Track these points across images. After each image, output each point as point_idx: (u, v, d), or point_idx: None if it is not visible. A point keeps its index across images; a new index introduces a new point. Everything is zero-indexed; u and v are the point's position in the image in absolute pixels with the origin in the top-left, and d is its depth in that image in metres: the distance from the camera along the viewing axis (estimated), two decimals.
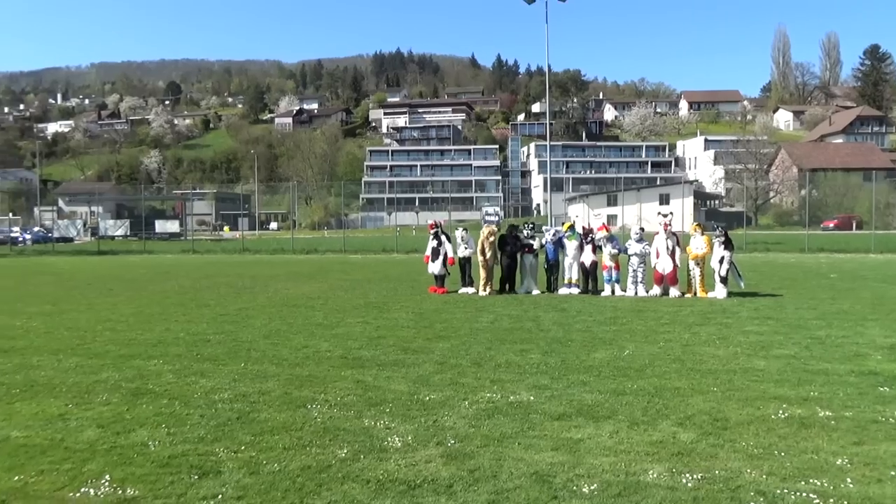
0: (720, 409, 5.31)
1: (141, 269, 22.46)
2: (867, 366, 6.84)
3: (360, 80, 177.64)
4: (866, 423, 4.92)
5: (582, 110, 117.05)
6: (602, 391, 5.92)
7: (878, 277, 16.74)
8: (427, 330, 9.33)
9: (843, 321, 9.76)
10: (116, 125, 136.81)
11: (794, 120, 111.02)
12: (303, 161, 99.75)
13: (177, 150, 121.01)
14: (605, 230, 14.10)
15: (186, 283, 17.04)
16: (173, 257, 30.07)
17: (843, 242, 30.44)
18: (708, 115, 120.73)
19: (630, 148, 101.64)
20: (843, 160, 69.17)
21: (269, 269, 22.03)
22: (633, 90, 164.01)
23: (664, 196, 64.29)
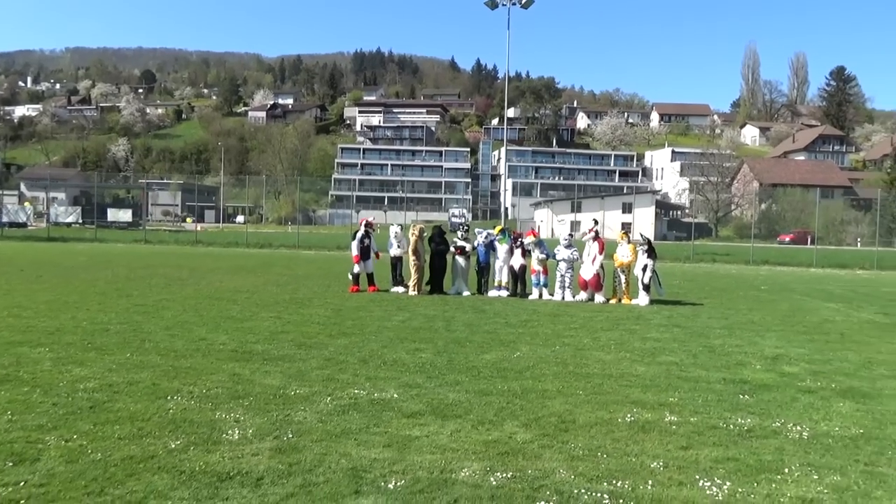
0: (572, 412, 5.42)
1: (82, 257, 22.04)
2: (741, 374, 7.04)
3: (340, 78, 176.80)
4: (705, 429, 5.07)
5: (554, 117, 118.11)
6: (469, 391, 6.00)
7: (805, 290, 17.22)
8: (335, 326, 9.34)
9: (745, 331, 10.03)
10: (86, 111, 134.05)
11: (760, 136, 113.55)
12: (273, 155, 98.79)
13: (146, 139, 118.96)
14: (534, 235, 14.26)
15: (122, 273, 16.77)
16: (123, 247, 29.55)
17: (788, 256, 31.21)
18: (678, 127, 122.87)
19: (599, 156, 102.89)
20: (803, 177, 70.95)
21: (213, 262, 21.80)
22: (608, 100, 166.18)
23: (627, 205, 65.25)
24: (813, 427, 5.19)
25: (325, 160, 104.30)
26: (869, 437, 4.99)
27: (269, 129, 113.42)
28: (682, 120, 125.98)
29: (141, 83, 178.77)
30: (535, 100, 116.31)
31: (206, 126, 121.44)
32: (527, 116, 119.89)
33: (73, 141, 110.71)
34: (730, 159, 77.97)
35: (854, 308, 13.59)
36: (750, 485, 3.95)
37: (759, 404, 5.84)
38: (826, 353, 8.45)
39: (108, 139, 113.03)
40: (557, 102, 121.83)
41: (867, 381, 6.91)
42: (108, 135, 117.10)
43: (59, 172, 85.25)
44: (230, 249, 30.19)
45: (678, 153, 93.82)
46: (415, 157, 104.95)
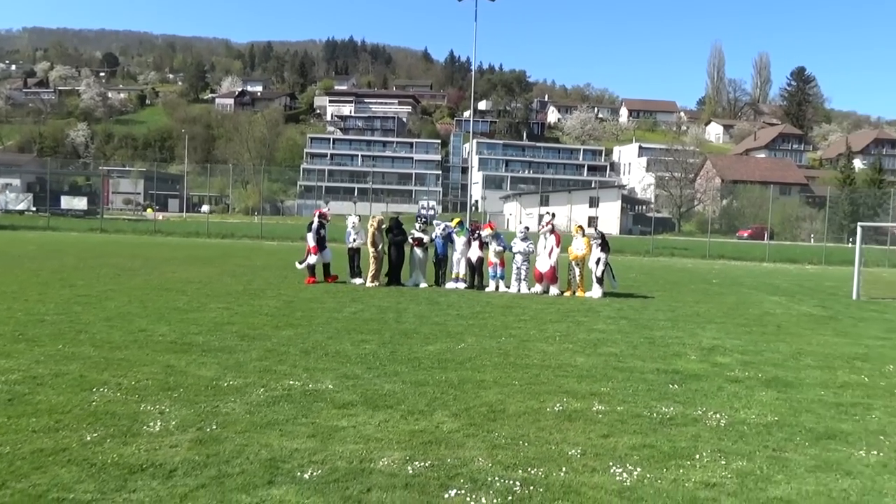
0: (504, 402, 5.50)
1: (31, 246, 21.43)
2: (675, 364, 7.23)
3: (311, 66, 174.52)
4: (629, 417, 5.21)
5: (525, 111, 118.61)
6: (406, 382, 6.05)
7: (753, 284, 17.69)
8: (283, 318, 9.28)
9: (688, 323, 10.28)
10: (43, 94, 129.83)
11: (724, 133, 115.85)
12: (240, 144, 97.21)
13: (108, 125, 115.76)
14: (491, 228, 14.35)
15: (70, 263, 16.37)
16: (77, 235, 28.79)
17: (742, 251, 32.01)
18: (646, 123, 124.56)
19: (568, 150, 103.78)
20: (763, 174, 72.69)
21: (170, 252, 21.42)
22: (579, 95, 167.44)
23: (594, 199, 66.05)
24: (732, 415, 5.37)
25: (295, 150, 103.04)
26: (782, 424, 5.19)
27: (237, 116, 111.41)
28: (650, 116, 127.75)
29: (103, 66, 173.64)
30: (506, 93, 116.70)
31: (170, 112, 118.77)
32: (498, 109, 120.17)
33: (29, 125, 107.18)
34: (694, 155, 79.43)
35: (795, 301, 14.02)
36: (660, 470, 4.08)
37: (686, 393, 6.02)
38: (760, 344, 8.72)
39: (66, 124, 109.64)
40: (528, 96, 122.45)
41: (793, 371, 7.16)
42: (66, 119, 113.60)
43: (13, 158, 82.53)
44: (190, 239, 29.69)
45: (645, 148, 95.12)
46: (385, 149, 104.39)
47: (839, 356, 8.12)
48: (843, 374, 7.09)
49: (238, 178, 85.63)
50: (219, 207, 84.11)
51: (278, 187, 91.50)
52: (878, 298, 15.14)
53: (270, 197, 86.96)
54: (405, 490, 3.66)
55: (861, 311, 12.99)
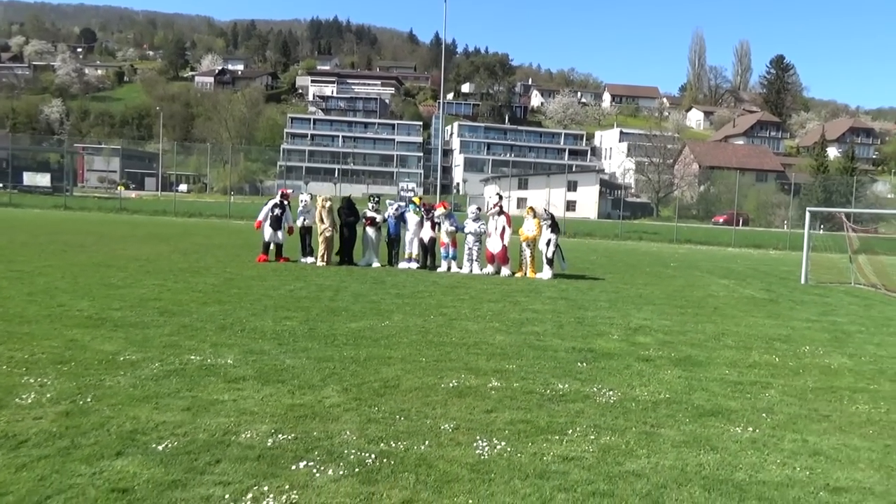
0: (400, 378, 5.49)
1: None
2: (593, 343, 7.26)
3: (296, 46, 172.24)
4: (520, 394, 5.22)
5: (508, 94, 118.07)
6: (311, 357, 6.01)
7: (709, 268, 17.86)
8: (215, 295, 9.19)
9: (627, 304, 10.34)
10: (17, 69, 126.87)
11: (704, 120, 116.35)
12: (219, 123, 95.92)
13: (84, 102, 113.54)
14: (444, 207, 14.29)
15: (20, 239, 16.08)
16: (39, 212, 28.31)
17: (710, 236, 32.29)
18: (628, 108, 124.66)
19: (550, 134, 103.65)
20: (740, 160, 73.19)
21: (130, 230, 21.13)
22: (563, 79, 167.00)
23: (572, 183, 66.12)
24: (625, 392, 5.40)
25: (275, 130, 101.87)
26: (672, 401, 5.23)
27: (217, 95, 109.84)
28: (632, 101, 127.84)
29: (80, 42, 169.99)
30: (488, 76, 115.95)
31: (149, 90, 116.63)
32: (481, 92, 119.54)
33: (1, 100, 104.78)
34: (673, 141, 79.68)
35: (742, 285, 14.17)
36: (524, 445, 4.09)
37: (591, 371, 6.05)
38: (688, 325, 8.80)
39: (41, 100, 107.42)
40: (511, 79, 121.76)
41: (708, 350, 7.23)
42: (41, 95, 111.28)
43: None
44: (156, 218, 29.32)
45: (626, 134, 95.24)
46: (367, 130, 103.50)
47: (761, 337, 8.22)
48: (756, 355, 7.17)
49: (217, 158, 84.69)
50: (196, 187, 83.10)
51: (258, 167, 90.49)
52: (825, 283, 15.35)
53: (250, 177, 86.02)
54: (256, 462, 3.64)
55: (804, 294, 13.17)
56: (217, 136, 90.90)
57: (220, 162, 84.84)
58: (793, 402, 5.44)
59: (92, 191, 66.62)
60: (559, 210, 66.76)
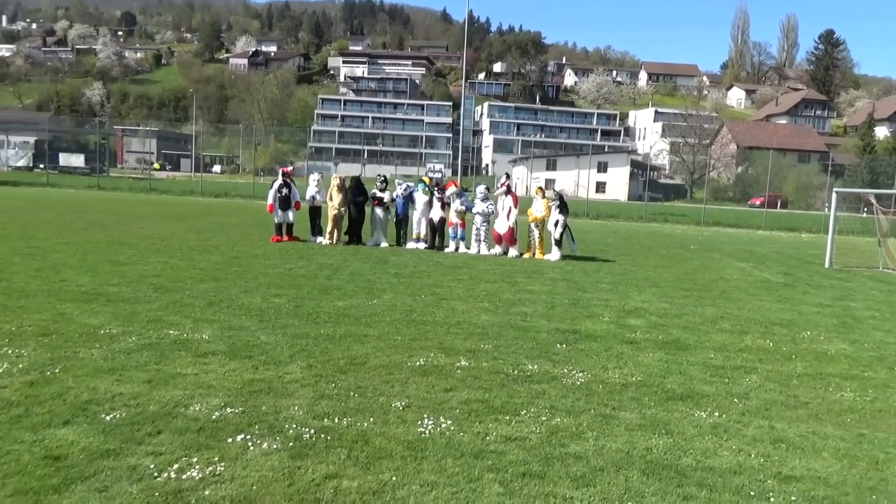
0: (369, 356, 5.48)
1: (18, 201, 21.72)
2: (580, 325, 7.14)
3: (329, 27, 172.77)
4: (486, 374, 5.16)
5: (540, 73, 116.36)
6: (288, 334, 6.05)
7: (730, 251, 17.39)
8: (215, 272, 9.31)
9: (629, 286, 10.13)
10: (61, 53, 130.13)
11: (745, 98, 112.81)
12: (252, 104, 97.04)
13: (123, 84, 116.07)
14: (455, 186, 14.18)
15: (46, 217, 16.57)
16: (73, 192, 29.14)
17: (740, 218, 31.43)
18: (665, 87, 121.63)
19: (582, 114, 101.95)
20: (781, 140, 70.81)
21: (153, 209, 21.59)
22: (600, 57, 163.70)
23: (602, 164, 65.09)
24: (596, 375, 5.30)
25: (306, 111, 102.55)
26: (643, 384, 5.11)
27: (250, 77, 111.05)
28: (670, 80, 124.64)
29: (121, 26, 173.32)
30: (520, 55, 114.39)
31: (185, 72, 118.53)
32: (512, 72, 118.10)
33: (46, 84, 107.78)
34: (710, 121, 77.56)
35: (760, 268, 13.76)
36: (471, 424, 4.05)
37: (568, 353, 5.95)
38: (688, 308, 8.58)
39: (83, 83, 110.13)
40: (544, 58, 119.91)
41: (699, 334, 7.04)
42: (83, 78, 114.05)
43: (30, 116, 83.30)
44: (183, 198, 29.89)
45: (661, 113, 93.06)
46: (396, 111, 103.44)
47: (762, 321, 7.97)
48: (750, 339, 6.96)
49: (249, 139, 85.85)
50: (229, 168, 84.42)
51: (289, 148, 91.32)
52: (851, 268, 14.80)
53: (280, 158, 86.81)
54: (196, 434, 3.68)
55: (824, 278, 12.72)
56: (249, 118, 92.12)
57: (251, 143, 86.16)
58: (773, 387, 5.26)
59: (130, 171, 68.21)
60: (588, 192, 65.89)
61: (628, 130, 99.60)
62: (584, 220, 29.21)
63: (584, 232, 21.60)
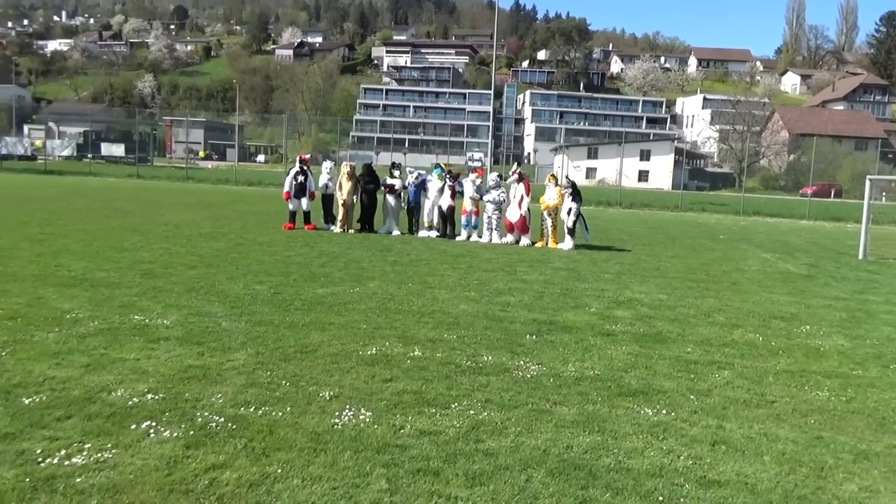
0: (326, 344, 5.38)
1: (55, 190, 22.54)
2: (560, 316, 6.88)
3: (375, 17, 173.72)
4: (434, 365, 4.99)
5: (585, 60, 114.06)
6: (251, 322, 6.00)
7: (760, 241, 16.63)
8: (210, 259, 9.37)
9: (633, 277, 9.77)
10: (115, 47, 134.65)
11: (801, 84, 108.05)
12: (296, 95, 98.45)
13: (173, 76, 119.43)
14: (479, 174, 13.94)
15: (75, 205, 17.12)
16: (113, 181, 30.09)
17: (783, 208, 30.09)
18: (715, 73, 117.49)
19: (627, 102, 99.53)
20: (836, 127, 67.65)
21: (180, 197, 22.07)
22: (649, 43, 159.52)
23: (645, 152, 63.48)
24: (554, 367, 5.06)
25: (349, 101, 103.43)
26: (599, 379, 4.85)
27: (294, 68, 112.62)
28: (721, 66, 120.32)
29: (173, 19, 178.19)
30: (564, 42, 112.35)
31: (232, 64, 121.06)
32: (556, 59, 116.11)
33: (101, 77, 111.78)
34: (762, 107, 74.55)
35: (786, 259, 13.10)
36: (392, 416, 3.89)
37: (534, 344, 5.72)
38: (687, 299, 8.19)
39: (136, 75, 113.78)
40: (588, 45, 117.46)
41: (685, 327, 6.69)
42: (136, 71, 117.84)
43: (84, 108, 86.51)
44: (217, 186, 30.51)
45: (709, 100, 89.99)
46: (438, 99, 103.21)
47: (762, 315, 7.54)
48: (739, 333, 6.57)
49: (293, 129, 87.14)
50: (273, 157, 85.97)
51: (331, 138, 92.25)
52: (887, 259, 13.95)
53: (323, 147, 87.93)
54: (104, 420, 3.64)
55: (852, 270, 12.00)
56: (293, 108, 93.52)
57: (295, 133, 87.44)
58: (742, 385, 4.93)
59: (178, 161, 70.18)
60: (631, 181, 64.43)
61: (675, 118, 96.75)
62: (615, 209, 28.52)
63: (611, 221, 21.07)
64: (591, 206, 29.24)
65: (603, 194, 33.96)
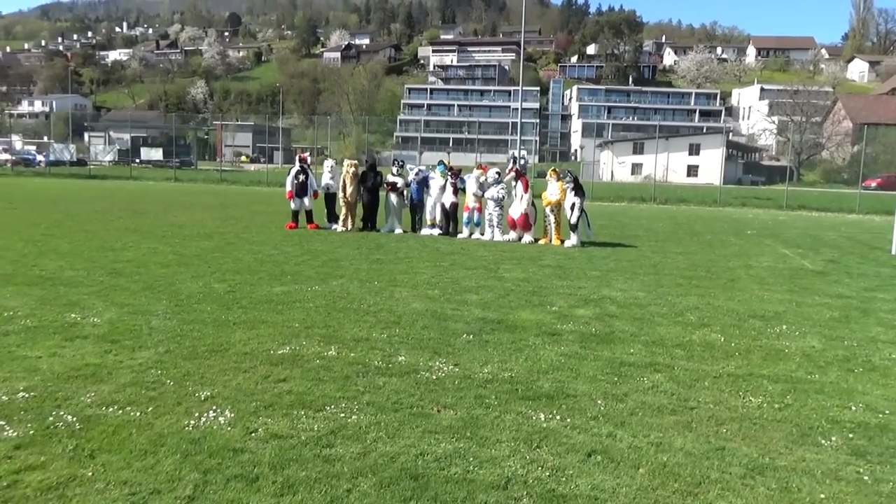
0: (243, 343, 5.26)
1: (87, 192, 23.42)
2: (514, 315, 6.55)
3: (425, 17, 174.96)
4: (342, 366, 4.79)
5: (635, 53, 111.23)
6: (182, 321, 5.93)
7: (788, 237, 15.65)
8: (189, 258, 9.41)
9: (622, 274, 9.30)
10: (171, 55, 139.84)
11: (869, 71, 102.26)
12: (341, 96, 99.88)
13: (225, 82, 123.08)
14: (484, 171, 13.60)
15: (100, 207, 17.70)
16: (152, 184, 31.07)
17: (831, 201, 28.38)
18: (776, 62, 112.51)
19: (679, 95, 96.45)
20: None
21: (204, 199, 22.53)
22: (706, 33, 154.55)
23: (694, 146, 61.33)
24: (467, 369, 4.78)
25: (394, 101, 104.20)
26: (507, 381, 4.54)
27: (340, 70, 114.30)
28: (782, 54, 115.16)
29: (226, 26, 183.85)
30: (613, 35, 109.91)
31: (282, 68, 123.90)
32: (606, 53, 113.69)
33: (157, 84, 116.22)
34: (824, 96, 70.88)
35: (805, 255, 12.25)
36: (255, 419, 3.71)
37: (466, 345, 5.43)
38: (665, 297, 7.71)
39: (189, 82, 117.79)
40: (638, 37, 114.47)
41: (645, 326, 6.26)
42: (191, 78, 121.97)
43: (141, 114, 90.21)
44: (248, 188, 31.11)
45: (767, 90, 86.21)
46: (483, 98, 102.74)
47: (741, 313, 7.00)
48: (701, 333, 6.09)
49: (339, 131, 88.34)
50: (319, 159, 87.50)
51: (376, 138, 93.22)
52: None
53: (367, 147, 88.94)
54: None
55: (875, 266, 11.11)
56: (339, 110, 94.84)
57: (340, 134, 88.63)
58: (669, 389, 4.52)
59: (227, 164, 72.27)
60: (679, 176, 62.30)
61: (731, 110, 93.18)
62: (649, 204, 27.56)
63: (636, 217, 20.33)
64: (625, 202, 28.42)
65: (637, 190, 32.89)
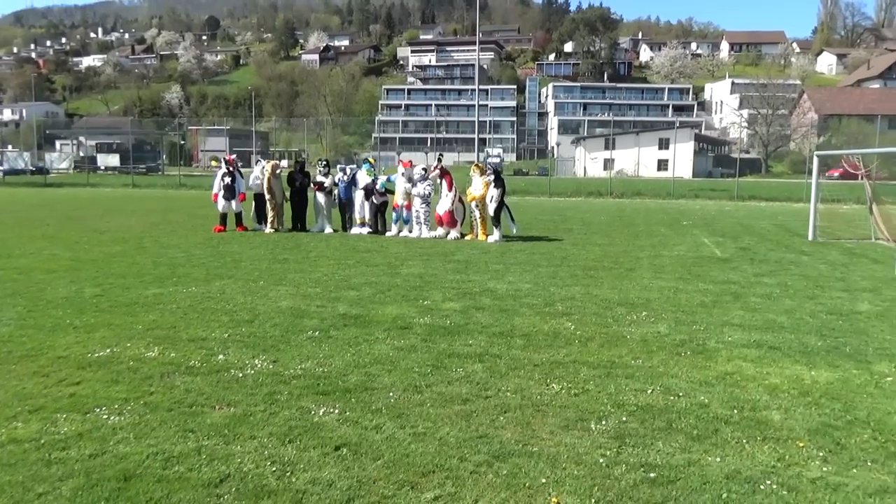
0: (69, 346, 5.18)
1: (30, 200, 23.09)
2: (379, 310, 6.52)
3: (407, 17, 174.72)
4: (149, 367, 4.73)
5: (610, 50, 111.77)
6: (25, 326, 5.81)
7: (721, 225, 15.79)
8: (82, 264, 9.18)
9: (521, 267, 9.28)
10: (146, 60, 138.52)
11: (837, 63, 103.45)
12: (318, 98, 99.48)
13: (202, 86, 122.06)
14: (406, 167, 13.53)
15: (32, 215, 17.42)
16: (107, 191, 30.61)
17: (781, 191, 28.66)
18: (748, 57, 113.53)
19: (653, 90, 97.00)
20: (868, 106, 64.36)
21: (151, 205, 22.27)
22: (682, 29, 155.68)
23: (664, 140, 61.72)
24: (286, 366, 4.74)
25: (372, 102, 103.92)
26: (317, 376, 4.51)
27: (318, 72, 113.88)
28: (754, 49, 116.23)
29: (204, 30, 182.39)
30: (588, 32, 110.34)
31: (259, 71, 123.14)
32: (582, 51, 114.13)
33: (131, 90, 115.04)
34: (791, 89, 71.64)
35: (722, 243, 12.33)
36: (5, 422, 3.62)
37: (304, 341, 5.40)
38: (551, 288, 7.73)
39: (165, 87, 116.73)
40: (613, 34, 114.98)
41: (502, 317, 6.25)
42: (166, 83, 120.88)
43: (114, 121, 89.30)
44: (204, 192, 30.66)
45: (738, 84, 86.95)
46: (461, 97, 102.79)
47: (612, 301, 7.01)
48: (557, 322, 6.09)
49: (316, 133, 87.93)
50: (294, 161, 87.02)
51: (354, 140, 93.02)
52: (835, 239, 13.01)
53: (345, 149, 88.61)
54: None
55: (784, 252, 11.21)
56: (316, 112, 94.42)
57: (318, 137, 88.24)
58: (478, 379, 4.49)
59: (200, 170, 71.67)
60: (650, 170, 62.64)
61: (704, 104, 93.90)
62: (605, 198, 27.64)
63: (582, 211, 20.37)
64: (582, 196, 28.50)
65: (598, 185, 32.98)
